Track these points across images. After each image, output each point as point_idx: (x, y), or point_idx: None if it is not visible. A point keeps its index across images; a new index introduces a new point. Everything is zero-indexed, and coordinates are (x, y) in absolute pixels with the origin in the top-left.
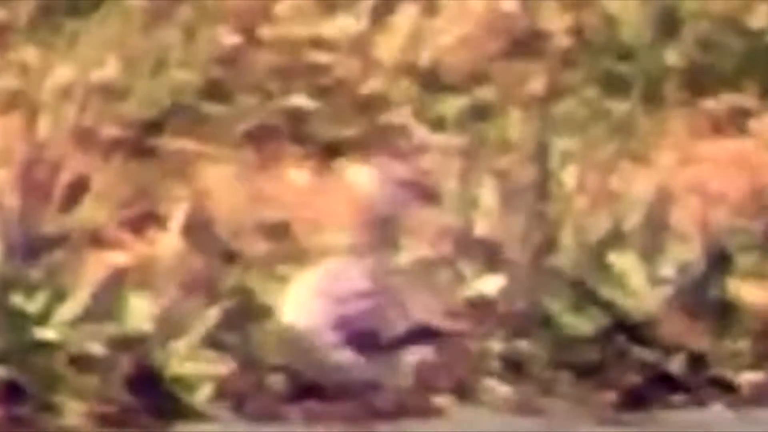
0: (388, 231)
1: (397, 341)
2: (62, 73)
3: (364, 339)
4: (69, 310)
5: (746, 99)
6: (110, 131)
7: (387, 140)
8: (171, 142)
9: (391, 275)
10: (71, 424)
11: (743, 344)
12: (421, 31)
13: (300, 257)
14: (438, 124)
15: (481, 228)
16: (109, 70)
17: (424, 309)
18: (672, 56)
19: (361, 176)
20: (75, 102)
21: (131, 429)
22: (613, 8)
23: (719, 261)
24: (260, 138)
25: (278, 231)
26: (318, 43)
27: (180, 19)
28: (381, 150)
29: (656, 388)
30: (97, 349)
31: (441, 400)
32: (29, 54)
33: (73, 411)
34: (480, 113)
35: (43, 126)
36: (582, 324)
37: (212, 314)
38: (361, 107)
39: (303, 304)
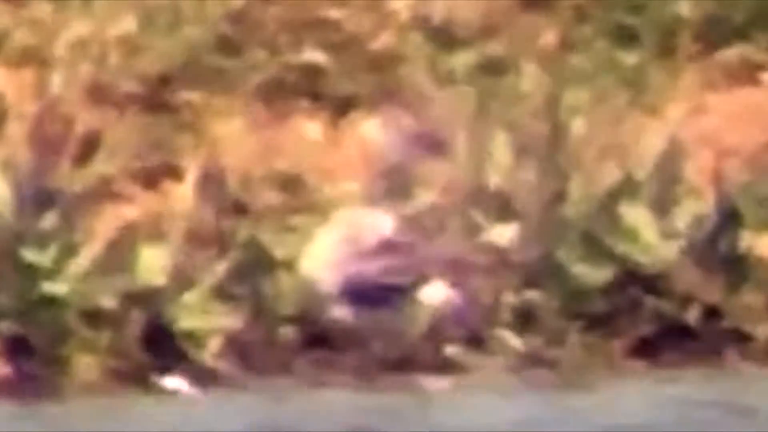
0: (399, 181)
1: (409, 292)
2: (78, 28)
3: (376, 290)
4: (80, 263)
5: (758, 51)
6: (124, 86)
7: (398, 94)
8: (184, 97)
9: (404, 224)
10: (82, 380)
11: (757, 298)
12: None
13: (311, 209)
14: (449, 78)
15: (493, 179)
16: (126, 25)
17: (437, 258)
18: (684, 8)
19: (372, 128)
20: (90, 57)
21: (142, 384)
22: None
23: (732, 214)
24: (272, 92)
25: (290, 183)
26: None
27: None
28: (392, 103)
29: (670, 338)
30: (108, 303)
31: (452, 351)
32: (43, 10)
33: (84, 366)
34: (491, 67)
35: (56, 81)
36: (593, 274)
37: (223, 266)
38: (373, 62)
39: (319, 256)
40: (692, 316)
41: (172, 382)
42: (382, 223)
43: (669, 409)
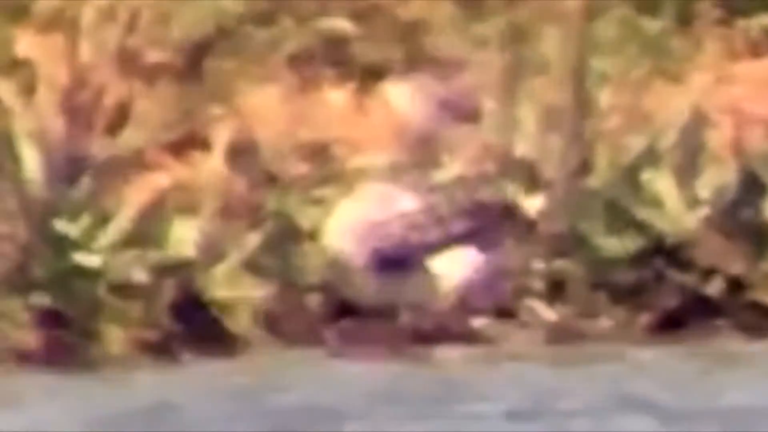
0: (428, 149)
1: (433, 260)
2: None
3: (400, 259)
4: (111, 234)
5: None
6: (154, 55)
7: (427, 62)
8: (214, 66)
9: (431, 193)
10: (113, 351)
11: None
12: None
13: (340, 179)
14: (477, 46)
15: (521, 147)
16: None
17: (464, 228)
18: None
19: (401, 96)
20: (119, 25)
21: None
22: None
23: (755, 183)
24: (302, 61)
25: (319, 153)
26: None
27: None
28: (420, 71)
29: (694, 312)
30: (139, 275)
31: (481, 322)
32: None
33: (115, 337)
34: (518, 34)
35: (86, 49)
36: (618, 245)
37: (253, 238)
38: (402, 30)
39: (345, 226)
40: (713, 288)
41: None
42: (408, 193)
43: None
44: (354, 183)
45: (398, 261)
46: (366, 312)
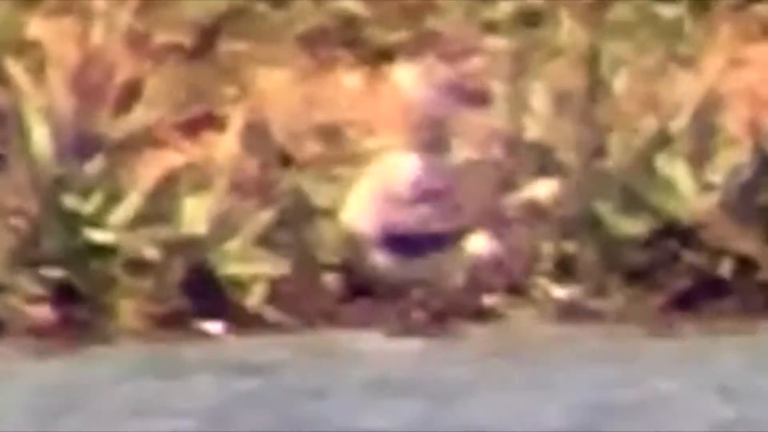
0: (438, 133)
1: (449, 240)
2: None
3: (416, 238)
4: (123, 212)
5: None
6: (166, 35)
7: (437, 45)
8: (226, 45)
9: (442, 176)
10: (126, 325)
11: None
12: None
13: (352, 159)
14: (488, 29)
15: (532, 132)
16: None
17: (476, 207)
18: None
19: (409, 79)
20: (130, 4)
21: (185, 330)
22: None
23: None
24: (314, 42)
25: (331, 134)
26: None
27: None
28: (430, 54)
29: (705, 293)
30: (151, 253)
31: (493, 301)
32: None
33: (128, 312)
34: (530, 18)
35: (97, 29)
36: (631, 226)
37: (266, 215)
38: (412, 12)
39: (360, 206)
40: (725, 269)
41: (214, 326)
42: (420, 171)
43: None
44: (367, 163)
45: (410, 239)
46: (381, 290)
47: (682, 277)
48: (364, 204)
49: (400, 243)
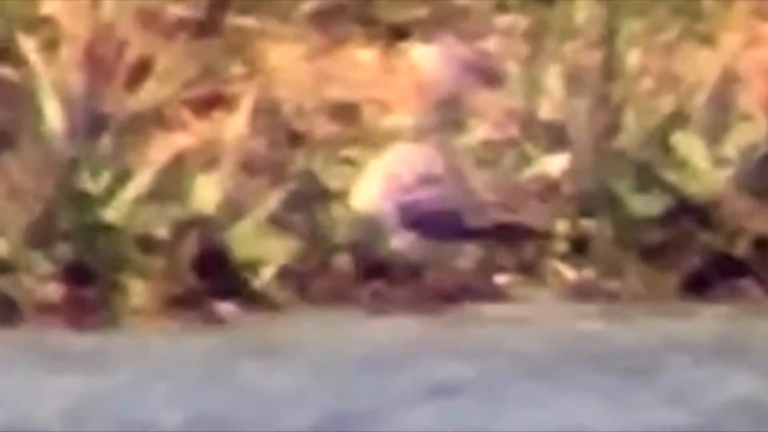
0: (453, 112)
1: (462, 228)
2: None
3: (429, 223)
4: (133, 190)
5: None
6: (175, 10)
7: (452, 22)
8: (237, 21)
9: (457, 157)
10: (137, 305)
11: None
12: None
13: (366, 139)
14: (503, 7)
15: (546, 111)
16: None
17: (489, 191)
18: None
19: (426, 57)
20: None
21: (197, 310)
22: None
23: None
24: (327, 18)
25: (344, 112)
26: None
27: None
28: (446, 32)
29: (721, 272)
30: (161, 232)
31: (506, 282)
32: None
33: (139, 292)
34: None
35: (108, 5)
36: (646, 204)
37: (277, 195)
38: None
39: (372, 187)
40: (740, 248)
41: (226, 307)
42: (434, 153)
43: None
44: (380, 144)
45: (429, 219)
46: (393, 272)
47: (698, 256)
48: (376, 185)
49: (420, 223)
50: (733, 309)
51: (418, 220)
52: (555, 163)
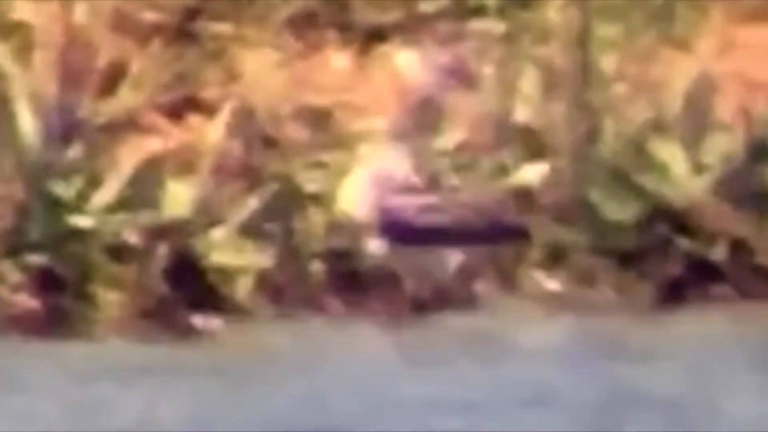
0: (428, 116)
1: (441, 235)
2: None
3: (408, 230)
4: (104, 196)
5: None
6: (150, 16)
7: (427, 27)
8: (211, 27)
9: (433, 162)
10: (109, 316)
11: None
12: None
13: (340, 144)
14: (479, 11)
15: (521, 115)
16: None
17: (468, 196)
18: None
19: (405, 61)
20: None
21: (169, 320)
22: None
23: (761, 149)
24: (302, 24)
25: (319, 117)
26: None
27: None
28: (423, 36)
29: (698, 279)
30: (133, 238)
31: (483, 290)
32: None
33: (110, 302)
34: (522, 1)
35: (81, 10)
36: (623, 211)
37: (252, 202)
38: None
39: (355, 193)
40: (718, 253)
41: (200, 320)
42: (412, 157)
43: None
44: (356, 148)
45: (407, 228)
46: (368, 280)
47: (675, 262)
48: (359, 191)
49: (400, 231)
50: None
51: (395, 225)
52: (534, 172)
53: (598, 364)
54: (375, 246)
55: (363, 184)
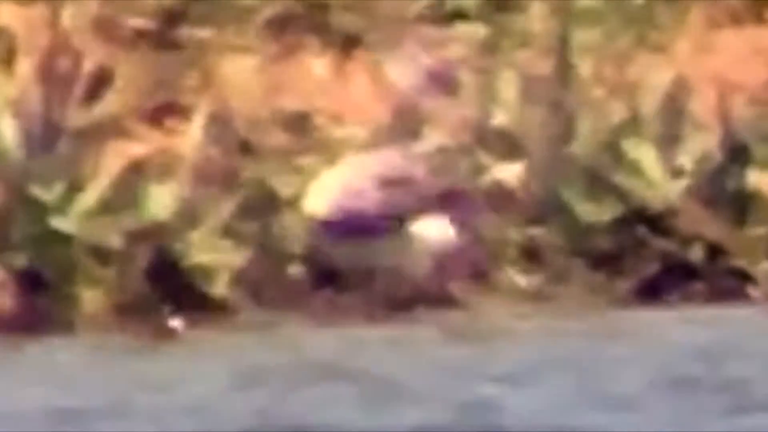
0: (409, 120)
1: (406, 225)
2: None
3: (378, 228)
4: (86, 200)
5: None
6: (132, 22)
7: (407, 31)
8: (192, 33)
9: (411, 164)
10: (89, 314)
11: (761, 233)
12: None
13: (318, 149)
14: (458, 16)
15: (500, 118)
16: None
17: (440, 194)
18: None
19: (390, 65)
20: None
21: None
22: None
23: (737, 151)
24: (281, 28)
25: (297, 122)
26: None
27: None
28: (406, 40)
29: (674, 279)
30: (114, 241)
31: (458, 288)
32: None
33: (91, 301)
34: (500, 5)
35: (66, 17)
36: (598, 212)
37: (230, 204)
38: None
39: (321, 194)
40: (694, 254)
41: (176, 322)
42: (385, 161)
43: None
44: (334, 153)
45: (372, 226)
46: (345, 279)
47: (651, 263)
48: (325, 194)
49: (346, 228)
50: None
51: (349, 223)
52: (509, 172)
53: None
54: (328, 245)
55: (330, 187)
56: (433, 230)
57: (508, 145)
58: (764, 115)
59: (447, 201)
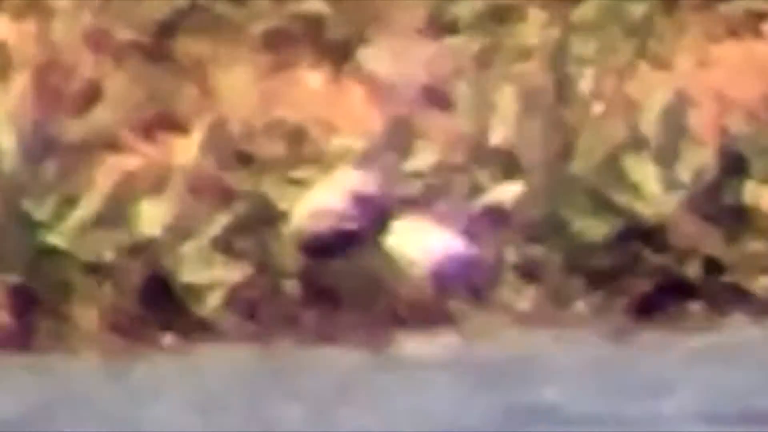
0: (402, 135)
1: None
2: None
3: (363, 243)
4: (79, 215)
5: (763, 3)
6: (124, 34)
7: (402, 44)
8: (185, 45)
9: (403, 181)
10: (83, 332)
11: (758, 248)
12: None
13: (315, 161)
14: (454, 28)
15: (497, 135)
16: None
17: (437, 213)
18: None
19: (384, 77)
20: (90, 5)
21: (144, 338)
22: None
23: (735, 165)
24: (276, 41)
25: (293, 135)
26: None
27: None
28: (401, 53)
29: (671, 296)
30: (108, 256)
31: (456, 307)
32: None
33: (85, 319)
34: (497, 16)
35: (58, 30)
36: (596, 229)
37: (224, 218)
38: (374, 9)
39: (315, 208)
40: (691, 270)
41: (168, 338)
42: (379, 178)
43: None
44: (330, 166)
45: (358, 242)
46: (341, 296)
47: (648, 279)
48: (315, 207)
49: (317, 245)
50: None
51: (319, 240)
52: (508, 191)
53: None
54: (301, 262)
55: (319, 201)
56: (429, 247)
57: (506, 163)
58: (761, 129)
59: (441, 218)
